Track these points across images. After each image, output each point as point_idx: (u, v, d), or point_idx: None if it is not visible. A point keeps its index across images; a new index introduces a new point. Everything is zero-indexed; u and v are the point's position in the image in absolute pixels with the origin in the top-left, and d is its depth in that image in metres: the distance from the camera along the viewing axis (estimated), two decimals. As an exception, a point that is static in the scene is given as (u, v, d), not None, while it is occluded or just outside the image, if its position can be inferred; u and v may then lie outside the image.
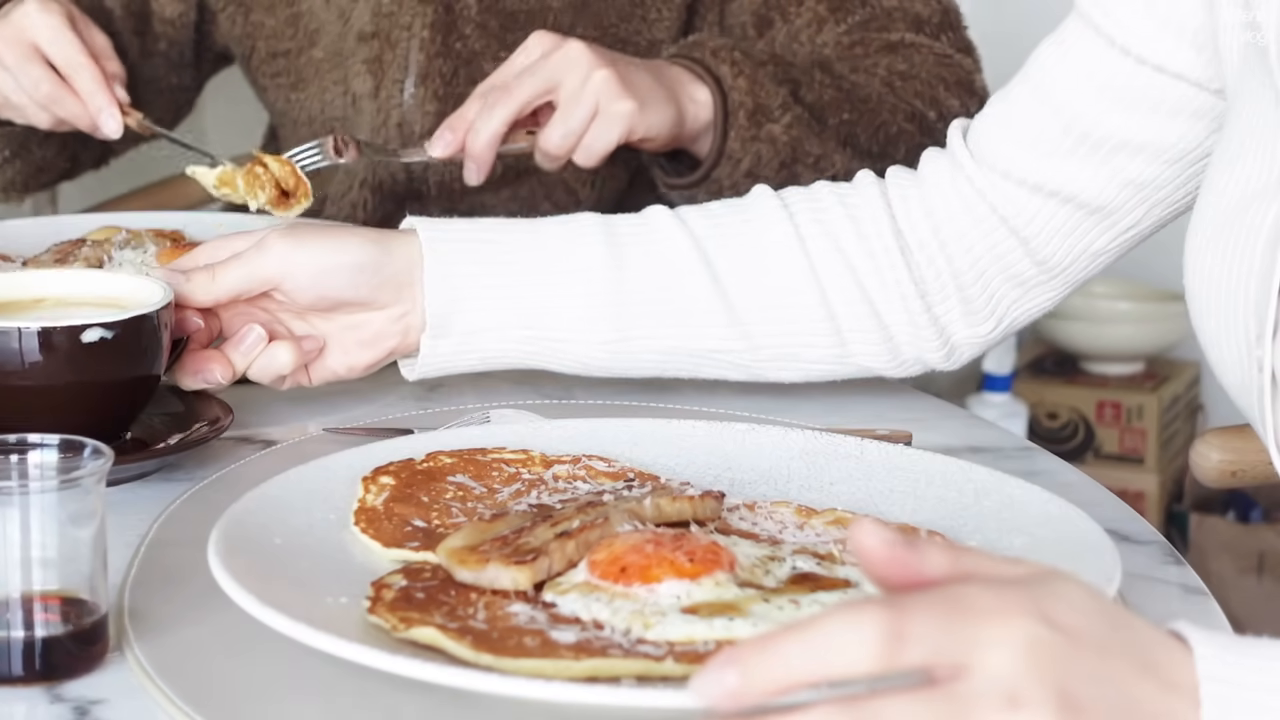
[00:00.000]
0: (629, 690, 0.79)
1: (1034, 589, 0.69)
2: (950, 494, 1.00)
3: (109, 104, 1.53)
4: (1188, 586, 0.97)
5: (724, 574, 0.88)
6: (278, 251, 1.17)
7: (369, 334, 1.20)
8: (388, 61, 1.68)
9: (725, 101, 1.47)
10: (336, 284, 1.17)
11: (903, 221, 1.24)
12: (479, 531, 0.92)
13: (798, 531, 0.97)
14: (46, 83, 1.53)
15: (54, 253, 1.52)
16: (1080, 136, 1.16)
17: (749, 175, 1.48)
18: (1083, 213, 1.19)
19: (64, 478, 0.85)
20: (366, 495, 0.99)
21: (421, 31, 1.67)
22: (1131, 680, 0.69)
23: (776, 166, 1.49)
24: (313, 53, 1.73)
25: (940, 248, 1.23)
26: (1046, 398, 2.99)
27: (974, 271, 1.23)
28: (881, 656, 0.66)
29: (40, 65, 1.53)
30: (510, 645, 0.83)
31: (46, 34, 1.52)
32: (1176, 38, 1.10)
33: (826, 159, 1.50)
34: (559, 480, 1.03)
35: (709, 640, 0.83)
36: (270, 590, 0.85)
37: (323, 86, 1.73)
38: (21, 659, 0.85)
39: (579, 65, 1.42)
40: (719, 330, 1.22)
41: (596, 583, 0.88)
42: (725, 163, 1.48)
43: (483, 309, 1.20)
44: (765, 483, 1.05)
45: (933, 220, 1.23)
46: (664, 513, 0.95)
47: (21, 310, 1.15)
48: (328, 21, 1.71)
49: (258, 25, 1.75)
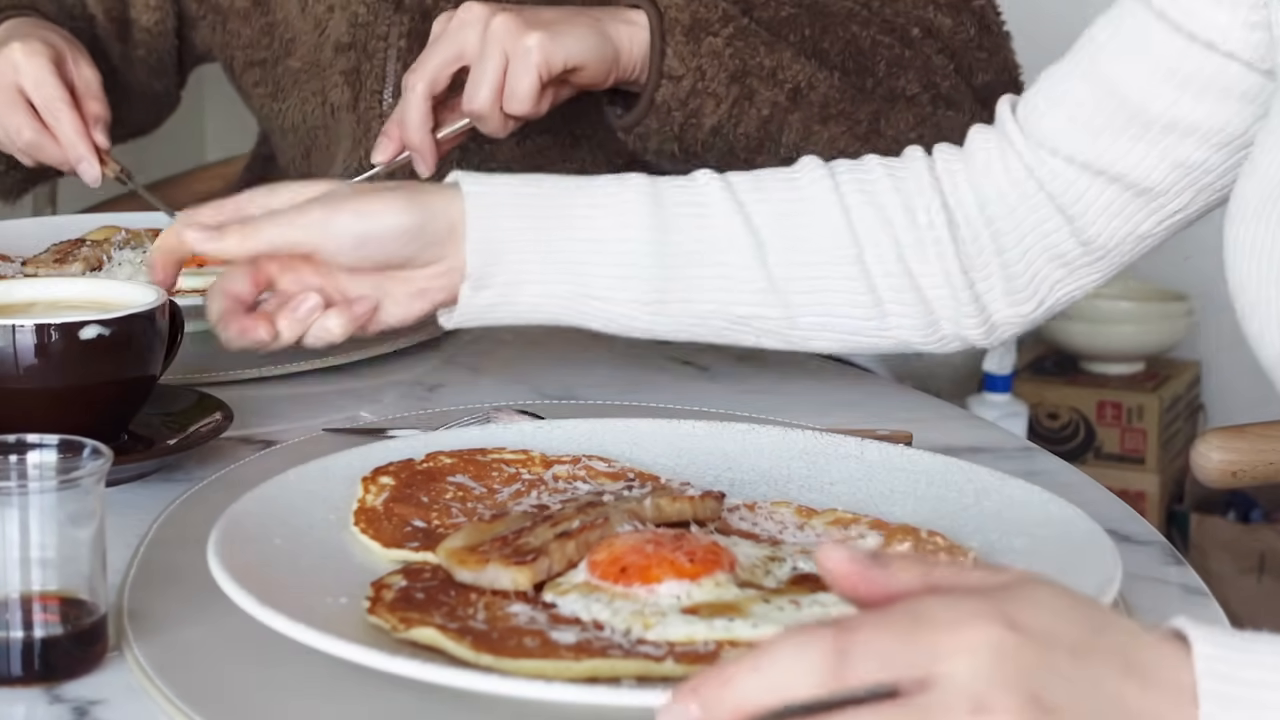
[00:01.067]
0: (629, 691, 0.78)
1: (998, 596, 0.69)
2: (950, 494, 1.00)
3: (88, 153, 1.53)
4: (1188, 586, 0.97)
5: (724, 574, 0.88)
6: (314, 220, 1.13)
7: (417, 288, 1.17)
8: (365, 73, 1.67)
9: (661, 22, 1.44)
10: (376, 251, 1.14)
11: (950, 196, 1.23)
12: (479, 532, 0.92)
13: (798, 532, 0.97)
14: (28, 130, 1.52)
15: (54, 253, 1.52)
16: (1131, 115, 1.16)
17: (694, 93, 1.44)
18: (1130, 193, 1.18)
19: (63, 478, 0.85)
20: (366, 496, 0.99)
21: (398, 41, 1.66)
22: (1112, 681, 0.68)
23: (725, 80, 1.45)
24: (289, 63, 1.72)
25: (986, 224, 1.22)
26: (1047, 398, 2.99)
27: (1019, 249, 1.22)
28: (828, 677, 0.66)
29: (23, 112, 1.53)
30: (510, 646, 0.82)
31: (30, 78, 1.52)
32: (1231, 14, 1.11)
33: (784, 69, 1.46)
34: (559, 480, 1.03)
35: (709, 641, 0.83)
36: (270, 591, 0.85)
37: (302, 97, 1.73)
38: (21, 659, 0.85)
39: (476, 20, 1.40)
40: (757, 296, 1.21)
41: (596, 583, 0.88)
42: (666, 82, 1.44)
43: (524, 262, 1.18)
44: (765, 483, 1.04)
45: (980, 196, 1.23)
46: (664, 513, 0.95)
47: (14, 314, 1.15)
48: (303, 31, 1.71)
49: (234, 34, 1.75)
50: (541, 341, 1.46)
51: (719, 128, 1.46)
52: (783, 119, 1.47)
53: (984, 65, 1.58)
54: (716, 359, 1.40)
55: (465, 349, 1.43)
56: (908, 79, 1.51)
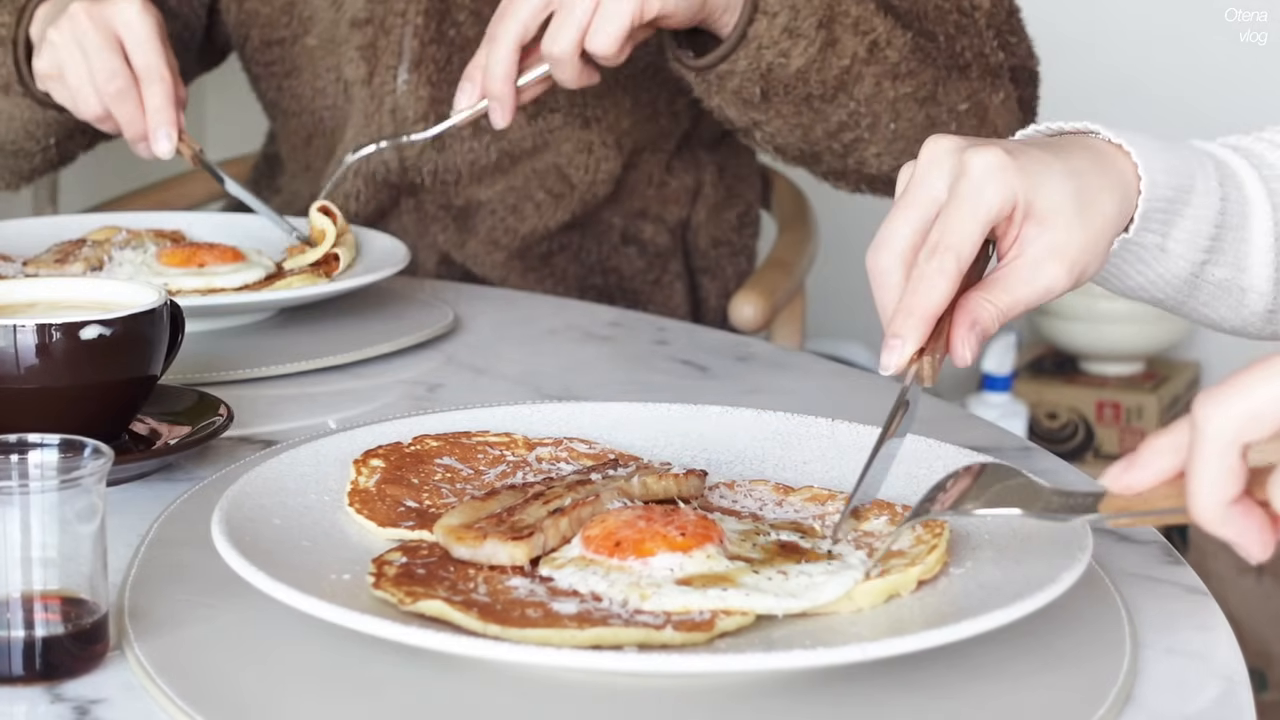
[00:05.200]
0: (636, 657, 0.80)
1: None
2: (920, 471, 1.01)
3: (170, 124, 1.51)
4: (1188, 586, 0.97)
5: (714, 547, 0.90)
6: None
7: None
8: (381, 48, 1.68)
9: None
10: None
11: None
12: (474, 510, 0.94)
13: (777, 508, 1.00)
14: (121, 78, 1.50)
15: (54, 253, 1.52)
16: None
17: (788, 31, 1.43)
18: None
19: (64, 477, 0.85)
20: (359, 478, 1.01)
21: (415, 18, 1.67)
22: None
23: (815, 24, 1.44)
24: (306, 40, 1.73)
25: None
26: (1046, 398, 2.99)
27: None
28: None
29: (119, 58, 1.50)
30: (515, 616, 0.84)
31: (138, 33, 1.50)
32: None
33: (865, 21, 1.46)
34: (542, 462, 1.05)
35: (704, 610, 0.85)
36: (277, 571, 0.86)
37: (315, 74, 1.73)
38: (21, 659, 0.85)
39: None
40: (1268, 272, 1.12)
41: (592, 557, 0.90)
42: (761, 17, 1.43)
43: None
44: (741, 463, 1.07)
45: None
46: (650, 490, 0.98)
47: (15, 314, 1.15)
48: (321, 8, 1.71)
49: (252, 14, 1.75)
50: (542, 342, 1.46)
51: (804, 71, 1.45)
52: (859, 71, 1.47)
53: (1014, 49, 1.59)
54: (716, 359, 1.41)
55: (466, 349, 1.43)
56: (964, 45, 1.52)
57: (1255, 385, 0.76)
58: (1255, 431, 0.76)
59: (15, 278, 1.36)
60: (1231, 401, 0.76)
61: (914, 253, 0.97)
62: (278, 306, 1.45)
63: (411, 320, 1.46)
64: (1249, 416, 0.76)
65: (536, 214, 1.74)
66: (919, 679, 0.83)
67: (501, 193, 1.72)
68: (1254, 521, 0.78)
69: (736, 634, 0.85)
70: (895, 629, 0.85)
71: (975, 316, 0.97)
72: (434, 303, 1.53)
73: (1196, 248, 1.07)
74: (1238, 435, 0.76)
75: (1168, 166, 1.03)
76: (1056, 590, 0.84)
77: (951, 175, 0.98)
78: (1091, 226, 0.99)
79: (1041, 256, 0.98)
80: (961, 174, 0.97)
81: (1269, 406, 0.76)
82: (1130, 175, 1.02)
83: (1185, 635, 0.91)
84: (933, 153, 0.99)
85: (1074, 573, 0.86)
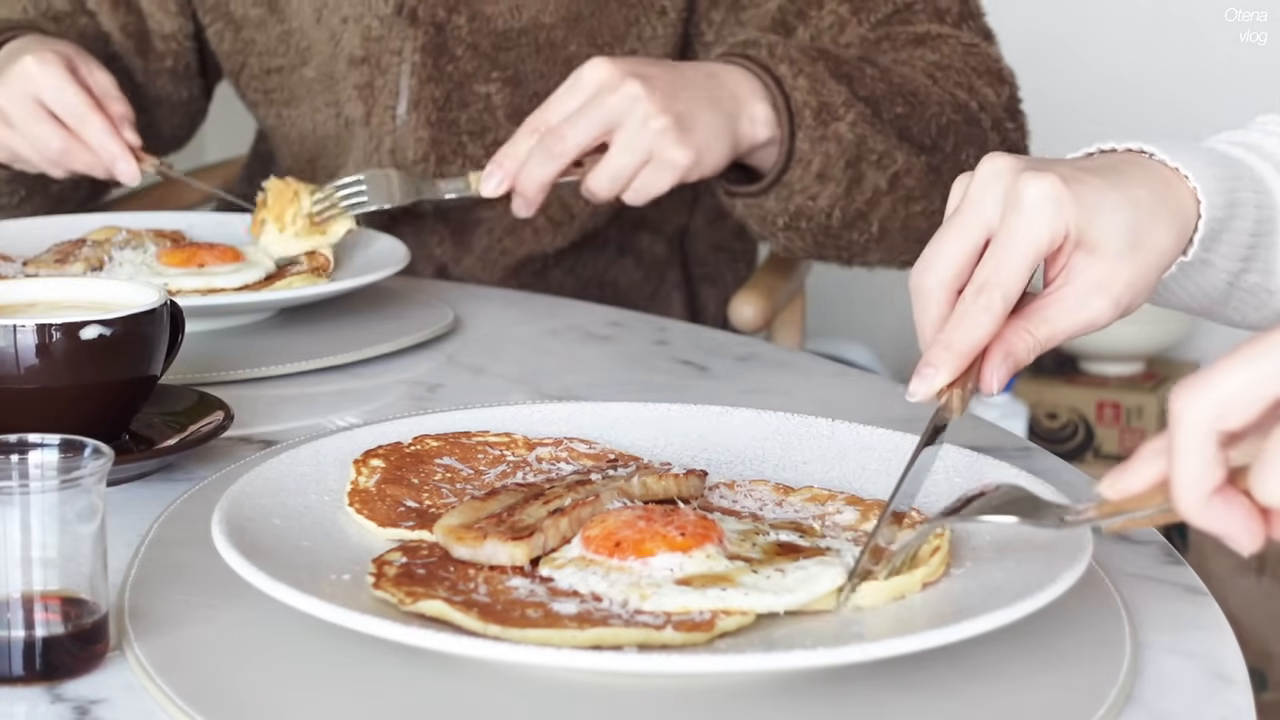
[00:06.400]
0: (636, 657, 0.80)
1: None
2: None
3: (122, 152, 1.51)
4: (1188, 586, 0.97)
5: (714, 547, 0.90)
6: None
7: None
8: (379, 87, 1.67)
9: (788, 102, 1.44)
10: None
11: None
12: (473, 510, 0.94)
13: (777, 508, 1.00)
14: (56, 139, 1.51)
15: (54, 253, 1.52)
16: None
17: (819, 177, 1.46)
18: None
19: (64, 477, 0.85)
20: (359, 478, 1.01)
21: (412, 56, 1.65)
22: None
23: (843, 166, 1.46)
24: (304, 71, 1.72)
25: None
26: (1046, 398, 2.99)
27: None
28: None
29: (47, 122, 1.51)
30: (515, 617, 0.84)
31: (49, 88, 1.50)
32: None
33: (888, 155, 1.48)
34: (542, 462, 1.05)
35: (704, 610, 0.85)
36: (277, 571, 0.86)
37: (314, 106, 1.73)
38: (22, 659, 0.85)
39: (636, 110, 1.38)
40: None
41: (591, 557, 0.90)
42: (795, 166, 1.45)
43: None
44: (741, 463, 1.07)
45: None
46: (650, 490, 0.98)
47: (15, 314, 1.15)
48: (318, 41, 1.70)
49: (249, 42, 1.74)
50: (542, 342, 1.46)
51: (829, 209, 1.49)
52: (879, 200, 1.49)
53: (1009, 134, 1.58)
54: (716, 359, 1.41)
55: (466, 349, 1.43)
56: (969, 154, 1.53)
57: (1227, 372, 0.76)
58: (1230, 418, 0.76)
59: (15, 278, 1.36)
60: (1204, 390, 0.77)
61: (958, 278, 0.96)
62: (278, 306, 1.45)
63: (411, 320, 1.46)
64: (1222, 402, 0.76)
65: (535, 239, 1.73)
66: (919, 679, 0.83)
67: (500, 214, 1.71)
68: (1239, 512, 0.78)
69: (736, 634, 0.85)
70: (895, 629, 0.85)
71: (1010, 347, 0.95)
72: (434, 303, 1.53)
73: (1236, 258, 1.06)
74: (1213, 423, 0.76)
75: (1219, 186, 1.02)
76: (1057, 590, 0.84)
77: (1005, 200, 0.95)
78: (1143, 260, 0.97)
79: (1089, 289, 0.96)
80: (1015, 205, 0.95)
81: (1241, 392, 0.76)
82: (1189, 201, 1.00)
83: (1185, 635, 0.91)
84: (988, 173, 0.97)
85: (1074, 573, 0.86)
